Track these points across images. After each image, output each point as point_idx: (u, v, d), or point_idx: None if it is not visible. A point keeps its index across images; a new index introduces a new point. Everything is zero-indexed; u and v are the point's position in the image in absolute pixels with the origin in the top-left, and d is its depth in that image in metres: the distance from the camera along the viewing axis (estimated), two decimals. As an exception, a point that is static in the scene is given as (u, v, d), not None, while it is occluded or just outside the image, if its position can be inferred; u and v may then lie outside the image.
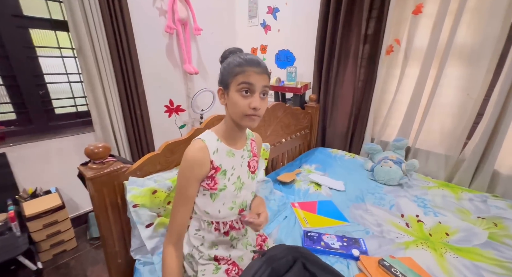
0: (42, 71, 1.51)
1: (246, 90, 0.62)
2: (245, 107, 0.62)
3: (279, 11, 2.06)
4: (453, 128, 1.46)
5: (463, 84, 1.37)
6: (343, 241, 0.96)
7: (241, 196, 0.75)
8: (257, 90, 0.62)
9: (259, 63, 0.63)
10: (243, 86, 0.61)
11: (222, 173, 0.69)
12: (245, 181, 0.75)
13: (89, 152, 0.71)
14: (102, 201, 0.75)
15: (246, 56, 0.64)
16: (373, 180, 1.50)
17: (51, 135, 1.52)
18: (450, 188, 1.38)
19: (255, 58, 0.64)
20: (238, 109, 0.63)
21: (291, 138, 1.72)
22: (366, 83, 1.68)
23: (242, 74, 0.62)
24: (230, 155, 0.71)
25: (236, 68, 0.62)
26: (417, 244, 0.98)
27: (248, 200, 0.78)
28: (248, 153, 0.77)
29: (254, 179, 0.80)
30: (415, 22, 1.44)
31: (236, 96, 0.63)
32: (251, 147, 0.79)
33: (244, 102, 0.62)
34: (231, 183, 0.71)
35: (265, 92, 0.65)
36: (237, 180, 0.73)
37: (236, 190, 0.73)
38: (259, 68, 0.63)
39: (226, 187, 0.70)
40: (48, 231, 1.36)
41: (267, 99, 0.67)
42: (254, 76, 0.62)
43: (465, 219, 1.13)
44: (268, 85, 0.65)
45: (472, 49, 1.31)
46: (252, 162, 0.78)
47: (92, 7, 1.38)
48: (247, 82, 0.61)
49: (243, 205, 0.76)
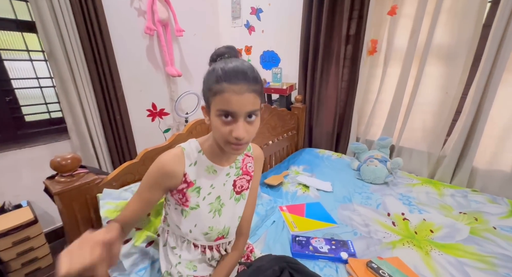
0: (8, 76, 1.40)
1: (225, 115, 0.51)
2: (226, 134, 0.52)
3: (263, 12, 2.05)
4: (433, 126, 1.50)
5: (442, 83, 1.41)
6: (332, 244, 0.95)
7: (221, 221, 0.66)
8: (241, 117, 0.51)
9: (243, 76, 0.49)
10: (221, 113, 0.51)
11: (195, 190, 0.62)
12: (227, 203, 0.67)
13: (56, 164, 0.64)
14: (72, 217, 0.69)
15: (227, 65, 0.50)
16: (360, 179, 1.51)
17: (21, 144, 1.41)
18: (433, 184, 1.41)
19: (239, 69, 0.50)
20: (219, 135, 0.53)
21: (278, 140, 1.70)
22: (350, 83, 1.70)
23: (219, 96, 0.50)
24: (211, 171, 0.63)
25: (214, 86, 0.51)
26: (403, 243, 0.99)
27: (232, 227, 0.69)
28: (237, 171, 0.68)
29: (240, 200, 0.70)
30: (394, 22, 1.47)
31: (216, 121, 0.53)
32: (243, 163, 0.70)
33: (225, 130, 0.52)
34: (205, 204, 0.63)
35: (252, 114, 0.53)
36: (216, 201, 0.65)
37: (213, 212, 0.64)
38: (241, 84, 0.49)
39: (198, 207, 0.62)
40: (18, 248, 1.26)
41: (257, 120, 0.55)
42: (233, 100, 0.49)
43: (448, 215, 1.16)
44: (256, 108, 0.52)
45: (449, 49, 1.35)
46: (240, 181, 0.69)
47: (62, 7, 1.30)
48: (224, 110, 0.50)
49: (224, 232, 0.67)
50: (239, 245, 0.75)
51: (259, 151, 0.76)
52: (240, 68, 0.50)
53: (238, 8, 2.17)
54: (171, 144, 0.93)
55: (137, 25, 1.76)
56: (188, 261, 0.67)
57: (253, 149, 0.75)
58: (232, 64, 0.51)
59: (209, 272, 0.69)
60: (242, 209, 0.72)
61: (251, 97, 0.51)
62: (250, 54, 2.24)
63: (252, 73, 0.52)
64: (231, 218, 0.69)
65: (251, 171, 0.72)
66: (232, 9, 2.21)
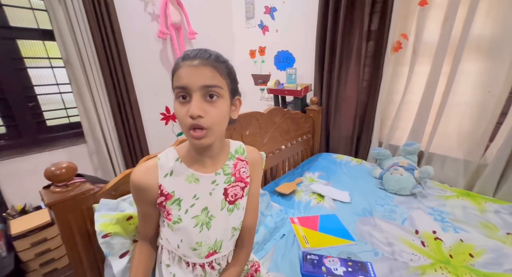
0: (31, 83, 1.47)
1: (182, 96, 0.47)
2: (182, 116, 0.47)
3: (277, 11, 1.97)
4: (472, 130, 1.30)
5: (482, 81, 1.22)
6: (348, 266, 0.84)
7: (211, 234, 0.59)
8: (194, 91, 0.46)
9: (196, 54, 0.47)
10: (177, 92, 0.48)
11: (175, 202, 0.55)
12: (217, 215, 0.59)
13: (50, 173, 0.62)
14: (67, 228, 0.66)
15: (187, 51, 0.50)
16: (383, 189, 1.36)
17: (41, 148, 1.48)
18: (472, 198, 1.22)
19: (197, 50, 0.48)
20: (180, 122, 0.49)
21: (291, 144, 1.61)
22: (371, 83, 1.55)
23: (176, 75, 0.48)
24: (192, 180, 0.56)
25: (174, 68, 0.50)
26: (435, 268, 0.85)
27: (225, 240, 0.62)
28: (227, 177, 0.60)
29: (234, 211, 0.62)
30: (423, 14, 1.30)
31: (175, 105, 0.49)
32: (235, 169, 0.62)
33: (181, 111, 0.48)
34: (189, 217, 0.56)
35: (213, 93, 0.48)
36: (202, 213, 0.57)
37: (199, 226, 0.57)
38: (196, 60, 0.46)
39: (180, 221, 0.56)
40: (36, 249, 1.30)
41: (221, 102, 0.49)
42: (187, 74, 0.46)
43: (492, 236, 0.98)
44: (212, 83, 0.47)
45: (492, 41, 1.16)
46: (233, 189, 0.61)
47: (77, 15, 1.33)
48: (178, 86, 0.47)
49: (216, 246, 0.61)
50: (240, 259, 0.67)
51: (255, 154, 0.67)
52: (200, 49, 0.49)
53: (251, 8, 2.11)
54: (174, 151, 0.89)
55: (151, 29, 1.77)
56: None
57: (248, 152, 0.65)
58: (191, 50, 0.50)
59: None
60: (237, 220, 0.63)
61: (208, 71, 0.47)
62: (264, 55, 2.17)
63: (214, 54, 0.50)
64: (224, 231, 0.61)
65: (245, 177, 0.63)
66: (246, 9, 2.16)
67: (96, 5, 1.39)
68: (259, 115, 1.28)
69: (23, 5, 1.37)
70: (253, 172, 0.66)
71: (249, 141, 1.25)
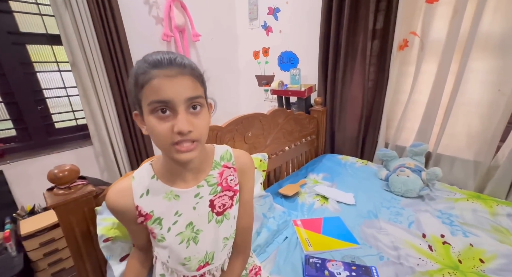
0: (40, 86, 1.51)
1: (162, 109, 0.42)
2: (166, 133, 0.43)
3: (280, 11, 1.96)
4: (482, 130, 1.26)
5: (492, 79, 1.18)
6: (351, 270, 0.82)
7: (200, 248, 0.56)
8: (179, 106, 0.42)
9: (170, 61, 0.42)
10: (155, 106, 0.42)
11: (156, 221, 0.53)
12: (204, 228, 0.56)
13: (52, 176, 0.64)
14: (70, 230, 0.67)
15: (152, 56, 0.43)
16: (389, 191, 1.33)
17: (50, 150, 1.51)
18: (482, 200, 1.18)
19: (164, 55, 0.43)
20: (158, 138, 0.44)
21: (295, 145, 1.59)
22: (377, 82, 1.52)
23: (148, 86, 0.42)
24: (172, 197, 0.53)
25: (141, 78, 0.43)
26: (443, 274, 0.82)
27: (217, 251, 0.59)
28: (212, 188, 0.56)
29: (223, 222, 0.58)
30: (431, 11, 1.27)
31: (151, 121, 0.43)
32: (221, 178, 0.57)
33: (163, 127, 0.43)
34: (172, 235, 0.54)
35: (196, 104, 0.45)
36: (187, 229, 0.54)
37: (185, 242, 0.55)
38: (172, 68, 0.42)
39: (164, 239, 0.53)
40: (45, 249, 1.33)
41: (203, 112, 0.46)
42: (166, 86, 0.41)
43: (504, 240, 0.94)
44: (197, 95, 0.44)
45: (502, 38, 1.12)
46: (220, 200, 0.57)
47: (83, 19, 1.36)
48: (156, 100, 0.42)
49: (208, 258, 0.58)
50: (236, 267, 0.65)
51: (245, 159, 0.61)
52: (166, 55, 0.43)
53: (255, 9, 2.11)
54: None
55: (155, 32, 1.79)
56: None
57: (236, 157, 0.60)
58: (156, 55, 0.44)
59: None
60: (228, 230, 0.60)
61: (189, 80, 0.43)
62: (268, 56, 2.16)
63: (184, 58, 0.45)
64: (214, 242, 0.58)
65: (234, 185, 0.59)
66: (249, 11, 2.16)
67: (101, 9, 1.42)
68: (261, 117, 1.28)
69: (32, 11, 1.41)
70: (243, 178, 0.61)
71: (252, 142, 1.24)
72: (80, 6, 1.32)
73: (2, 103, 1.40)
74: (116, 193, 0.52)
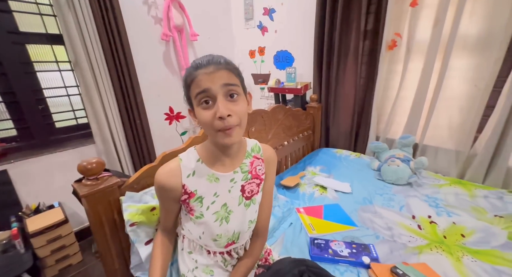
0: (41, 86, 1.51)
1: (205, 101, 0.51)
2: (211, 120, 0.51)
3: (275, 12, 2.03)
4: (462, 122, 1.39)
5: (470, 76, 1.31)
6: (352, 248, 0.92)
7: (229, 227, 0.64)
8: (218, 93, 0.50)
9: (209, 61, 0.51)
10: (200, 98, 0.51)
11: (198, 200, 0.60)
12: (235, 209, 0.64)
13: (82, 168, 0.68)
14: (98, 218, 0.72)
15: (196, 61, 0.53)
16: (381, 180, 1.45)
17: (52, 149, 1.52)
18: (463, 185, 1.32)
19: (206, 58, 0.52)
20: (206, 126, 0.52)
21: (293, 140, 1.68)
22: (368, 80, 1.63)
23: (194, 84, 0.51)
24: (213, 179, 0.61)
25: (188, 79, 0.53)
26: (431, 247, 0.93)
27: (243, 232, 0.67)
28: (244, 175, 0.65)
29: (250, 206, 0.67)
30: (415, 14, 1.39)
31: (199, 111, 0.52)
32: (251, 167, 0.66)
33: (207, 115, 0.51)
34: (210, 213, 0.61)
35: (233, 92, 0.52)
36: (222, 209, 0.63)
37: (219, 220, 0.63)
38: (210, 66, 0.50)
39: (202, 216, 0.61)
40: (52, 246, 1.35)
41: (241, 99, 0.54)
42: (205, 79, 0.50)
43: (481, 218, 1.07)
44: (231, 82, 0.52)
45: (478, 38, 1.25)
46: (249, 186, 0.65)
47: (86, 19, 1.38)
48: (200, 91, 0.50)
49: (234, 237, 0.66)
50: (256, 249, 0.73)
51: (270, 152, 0.71)
52: (206, 57, 0.53)
53: (250, 10, 2.18)
54: (188, 147, 0.95)
55: (154, 32, 1.82)
56: (204, 265, 0.68)
57: (264, 150, 0.70)
58: (199, 59, 0.54)
59: (226, 275, 0.69)
60: (253, 214, 0.69)
61: (224, 73, 0.51)
62: (264, 55, 2.24)
63: (218, 59, 0.53)
64: (241, 223, 0.66)
65: (261, 174, 0.68)
66: (245, 11, 2.22)
67: (103, 9, 1.44)
68: (263, 113, 1.35)
69: (31, 10, 1.41)
70: (268, 169, 0.70)
71: (255, 137, 1.32)
72: (82, 6, 1.34)
73: (3, 103, 1.40)
74: (167, 173, 0.58)
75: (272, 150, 0.73)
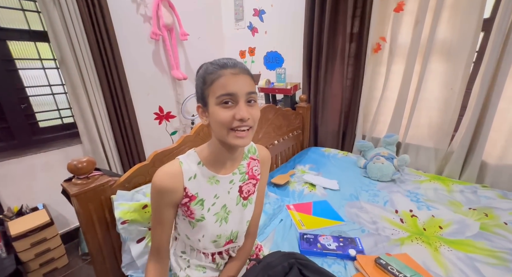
0: (23, 84, 1.46)
1: (226, 101, 0.52)
2: (229, 119, 0.52)
3: (265, 13, 2.07)
4: (440, 122, 1.49)
5: (446, 79, 1.40)
6: (339, 242, 0.96)
7: (228, 227, 0.66)
8: (241, 98, 0.53)
9: (235, 64, 0.54)
10: (223, 99, 0.52)
11: (199, 202, 0.60)
12: (233, 210, 0.66)
13: (72, 167, 0.68)
14: (88, 217, 0.72)
15: (219, 61, 0.55)
16: (367, 177, 1.51)
17: (36, 149, 1.47)
18: (441, 181, 1.40)
19: (231, 60, 0.55)
20: (221, 124, 0.53)
21: (283, 139, 1.72)
22: (354, 81, 1.70)
23: (217, 82, 0.52)
24: (213, 182, 0.62)
25: (209, 76, 0.54)
26: (412, 239, 0.99)
27: (240, 231, 0.69)
28: (242, 176, 0.66)
29: (247, 206, 0.69)
30: (398, 19, 1.46)
31: (217, 110, 0.53)
32: (248, 168, 0.68)
33: (227, 115, 0.52)
34: (211, 215, 0.62)
35: (252, 99, 0.55)
36: (221, 210, 0.64)
37: (219, 221, 0.64)
38: (236, 68, 0.53)
39: (203, 218, 0.61)
40: (36, 249, 1.31)
41: (256, 105, 0.57)
42: (232, 81, 0.52)
43: (457, 211, 1.15)
44: (254, 90, 0.55)
45: (452, 44, 1.34)
46: (246, 186, 0.67)
47: (72, 16, 1.34)
48: (225, 93, 0.52)
49: (232, 236, 0.68)
50: (247, 245, 0.76)
51: (265, 152, 0.74)
52: (231, 59, 0.55)
53: (241, 10, 2.20)
54: (180, 146, 0.96)
55: (143, 31, 1.80)
56: (196, 265, 0.68)
57: (259, 151, 0.72)
58: (223, 59, 0.55)
59: (218, 273, 0.71)
60: (250, 213, 0.71)
61: (248, 79, 0.54)
62: (254, 56, 2.27)
63: (242, 64, 0.56)
64: (239, 223, 0.68)
65: (257, 175, 0.70)
66: (235, 12, 2.24)
67: (90, 6, 1.41)
68: (254, 112, 1.38)
69: (13, 6, 1.36)
70: (263, 169, 0.72)
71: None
72: (68, 3, 1.31)
73: (-18, 102, 1.34)
74: (166, 175, 0.57)
75: (266, 151, 0.75)
